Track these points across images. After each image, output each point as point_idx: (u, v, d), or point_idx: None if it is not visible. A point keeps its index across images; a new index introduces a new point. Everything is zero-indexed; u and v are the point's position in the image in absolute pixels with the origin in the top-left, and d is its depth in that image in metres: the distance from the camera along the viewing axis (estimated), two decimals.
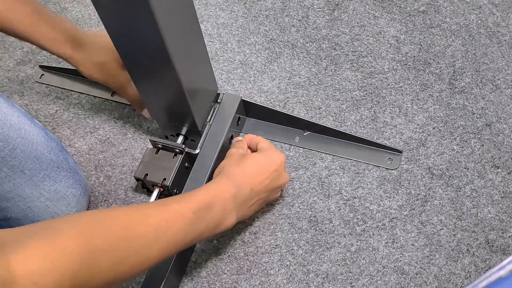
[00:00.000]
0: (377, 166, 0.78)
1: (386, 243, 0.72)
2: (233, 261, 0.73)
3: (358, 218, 0.74)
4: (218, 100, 0.79)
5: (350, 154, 0.79)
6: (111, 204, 0.81)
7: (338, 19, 0.94)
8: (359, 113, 0.83)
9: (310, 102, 0.85)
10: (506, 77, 0.84)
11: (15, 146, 0.67)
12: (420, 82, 0.85)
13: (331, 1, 0.97)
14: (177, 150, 0.74)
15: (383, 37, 0.91)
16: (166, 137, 0.80)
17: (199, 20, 0.94)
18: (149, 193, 0.80)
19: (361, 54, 0.90)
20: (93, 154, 0.85)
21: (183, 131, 0.77)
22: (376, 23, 0.93)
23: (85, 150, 0.86)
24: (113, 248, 0.49)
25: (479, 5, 0.93)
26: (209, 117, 0.78)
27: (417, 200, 0.75)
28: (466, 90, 0.84)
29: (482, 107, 0.82)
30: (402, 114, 0.82)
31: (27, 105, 0.92)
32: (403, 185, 0.76)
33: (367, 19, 0.94)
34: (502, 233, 0.71)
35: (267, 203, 0.75)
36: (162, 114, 0.74)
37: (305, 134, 0.82)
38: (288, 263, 0.72)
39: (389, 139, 0.80)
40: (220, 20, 0.97)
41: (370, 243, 0.72)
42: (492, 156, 0.77)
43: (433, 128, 0.81)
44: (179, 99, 0.67)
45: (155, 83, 0.66)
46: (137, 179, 0.74)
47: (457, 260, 0.70)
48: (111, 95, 0.91)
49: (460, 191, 0.75)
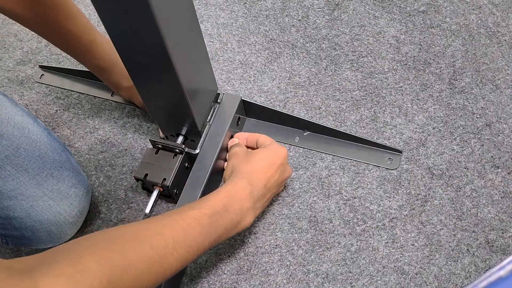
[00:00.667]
0: (377, 166, 0.78)
1: (386, 243, 0.72)
2: (233, 261, 0.73)
3: (358, 218, 0.74)
4: (218, 100, 0.79)
5: (350, 154, 0.79)
6: (111, 204, 0.81)
7: (338, 19, 0.94)
8: (359, 113, 0.83)
9: (310, 102, 0.85)
10: (506, 77, 0.84)
11: (19, 145, 0.67)
12: (420, 82, 0.85)
13: (331, 1, 0.97)
14: (177, 150, 0.74)
15: (383, 37, 0.91)
16: (166, 137, 0.80)
17: (199, 20, 0.94)
18: (149, 193, 0.80)
19: (361, 54, 0.90)
20: (93, 154, 0.85)
21: (183, 131, 0.76)
22: (376, 23, 0.93)
23: (85, 150, 0.86)
24: (133, 264, 0.50)
25: (479, 5, 0.93)
26: (209, 117, 0.78)
27: (417, 200, 0.75)
28: (466, 90, 0.84)
29: (482, 107, 0.82)
30: (402, 114, 0.82)
31: (27, 105, 0.92)
32: (403, 185, 0.76)
33: (367, 19, 0.94)
34: (502, 233, 0.71)
35: (273, 197, 0.75)
36: (162, 114, 0.74)
37: (305, 134, 0.82)
38: (288, 263, 0.72)
39: (389, 139, 0.80)
40: (220, 20, 0.97)
41: (370, 243, 0.72)
42: (492, 156, 0.77)
43: (433, 128, 0.81)
44: (179, 99, 0.67)
45: (155, 83, 0.66)
46: (137, 179, 0.74)
47: (457, 260, 0.70)
48: (111, 95, 0.91)
49: (460, 191, 0.75)
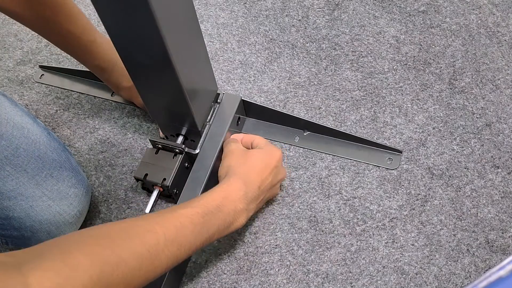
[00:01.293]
0: (377, 166, 0.78)
1: (386, 243, 0.72)
2: (233, 261, 0.73)
3: (358, 218, 0.74)
4: (218, 100, 0.79)
5: (350, 154, 0.79)
6: (111, 204, 0.81)
7: (338, 19, 0.94)
8: (359, 113, 0.83)
9: (310, 102, 0.85)
10: (506, 77, 0.84)
11: (18, 145, 0.67)
12: (420, 82, 0.85)
13: (331, 1, 0.97)
14: (177, 150, 0.74)
15: (383, 37, 0.91)
16: (166, 137, 0.80)
17: (199, 20, 0.94)
18: (149, 193, 0.80)
19: (361, 54, 0.90)
20: (93, 154, 0.85)
21: (183, 131, 0.76)
22: (376, 23, 0.93)
23: (85, 150, 0.86)
24: (124, 260, 0.49)
25: (479, 5, 0.93)
26: (209, 117, 0.78)
27: (417, 200, 0.75)
28: (466, 90, 0.84)
29: (482, 107, 0.82)
30: (402, 114, 0.82)
31: (27, 105, 0.92)
32: (403, 185, 0.76)
33: (367, 19, 0.94)
34: (502, 233, 0.71)
35: (268, 200, 0.75)
36: (162, 114, 0.74)
37: (305, 134, 0.82)
38: (288, 263, 0.72)
39: (389, 139, 0.80)
40: (220, 20, 0.97)
41: (370, 243, 0.72)
42: (492, 156, 0.77)
43: (433, 128, 0.81)
44: (179, 99, 0.67)
45: (155, 83, 0.66)
46: (137, 179, 0.74)
47: (457, 260, 0.70)
48: (111, 95, 0.91)
49: (460, 191, 0.75)
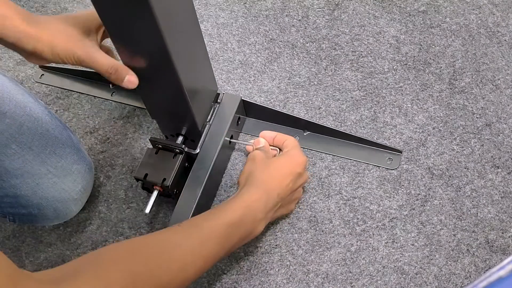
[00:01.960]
0: (377, 166, 0.78)
1: (386, 243, 0.72)
2: (233, 261, 0.73)
3: (358, 218, 0.74)
4: (218, 100, 0.79)
5: (350, 154, 0.79)
6: (111, 204, 0.81)
7: (338, 19, 0.94)
8: (359, 113, 0.83)
9: (310, 102, 0.85)
10: (506, 77, 0.84)
11: (22, 123, 0.68)
12: (420, 82, 0.85)
13: (331, 1, 0.97)
14: (177, 150, 0.74)
15: (383, 37, 0.91)
16: (166, 137, 0.80)
17: (199, 20, 0.94)
18: (149, 193, 0.80)
19: (361, 54, 0.90)
20: (93, 154, 0.85)
21: (183, 131, 0.76)
22: (376, 23, 0.93)
23: (85, 150, 0.86)
24: (154, 274, 0.51)
25: (479, 5, 0.93)
26: (209, 117, 0.78)
27: (417, 200, 0.75)
28: (466, 90, 0.84)
29: (482, 107, 0.82)
30: (402, 114, 0.82)
31: None
32: (403, 185, 0.76)
33: (367, 19, 0.94)
34: (502, 233, 0.71)
35: (294, 203, 0.74)
36: (162, 114, 0.74)
37: (305, 134, 0.82)
38: (288, 263, 0.72)
39: (389, 139, 0.80)
40: (220, 20, 0.97)
41: (370, 243, 0.72)
42: (492, 156, 0.77)
43: (433, 128, 0.81)
44: (179, 99, 0.67)
45: (155, 83, 0.66)
46: (137, 179, 0.74)
47: (457, 260, 0.70)
48: (111, 95, 0.91)
49: (460, 191, 0.75)
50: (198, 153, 0.76)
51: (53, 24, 0.59)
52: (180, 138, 0.77)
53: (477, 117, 0.81)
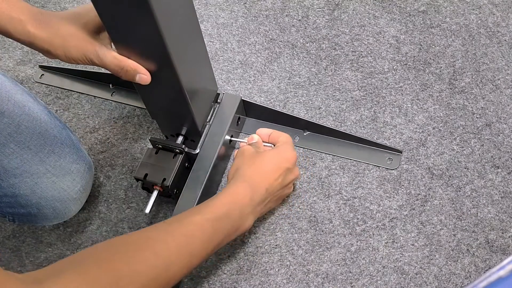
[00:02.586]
0: (377, 166, 0.78)
1: (386, 243, 0.72)
2: (233, 261, 0.73)
3: (358, 218, 0.74)
4: (218, 100, 0.79)
5: (350, 154, 0.79)
6: (111, 204, 0.81)
7: (338, 19, 0.94)
8: (359, 113, 0.83)
9: (310, 102, 0.85)
10: (506, 77, 0.84)
11: (20, 123, 0.68)
12: (420, 82, 0.85)
13: (331, 1, 0.97)
14: (177, 150, 0.74)
15: (383, 37, 0.91)
16: (166, 137, 0.80)
17: (199, 20, 0.94)
18: (149, 193, 0.80)
19: (361, 54, 0.90)
20: (93, 154, 0.85)
21: (183, 131, 0.76)
22: (376, 23, 0.93)
23: (85, 150, 0.86)
24: (139, 273, 0.50)
25: (479, 5, 0.93)
26: (209, 117, 0.78)
27: (417, 200, 0.75)
28: (466, 90, 0.84)
29: (482, 107, 0.82)
30: (402, 114, 0.82)
31: None
32: (403, 185, 0.76)
33: (367, 19, 0.94)
34: (502, 233, 0.71)
35: (282, 199, 0.75)
36: (162, 114, 0.74)
37: (305, 134, 0.82)
38: (288, 263, 0.72)
39: (389, 139, 0.80)
40: (220, 20, 0.97)
41: (370, 243, 0.72)
42: (492, 156, 0.77)
43: (433, 128, 0.81)
44: (179, 99, 0.67)
45: (155, 83, 0.66)
46: (137, 179, 0.74)
47: (457, 260, 0.70)
48: (111, 95, 0.91)
49: (460, 191, 0.75)
50: (198, 153, 0.76)
51: (65, 26, 0.60)
52: (180, 138, 0.77)
53: (477, 117, 0.81)
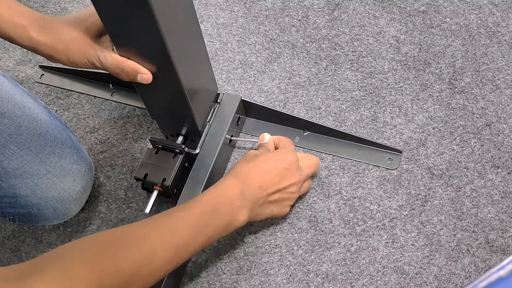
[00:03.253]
0: (377, 166, 0.78)
1: (386, 243, 0.72)
2: (233, 261, 0.73)
3: (358, 218, 0.74)
4: (218, 100, 0.79)
5: (350, 154, 0.79)
6: (111, 204, 0.81)
7: (338, 19, 0.94)
8: (359, 113, 0.83)
9: (310, 102, 0.85)
10: (506, 77, 0.84)
11: (20, 124, 0.68)
12: (420, 82, 0.85)
13: (331, 1, 0.97)
14: (177, 150, 0.74)
15: (383, 37, 0.91)
16: (166, 137, 0.80)
17: (199, 20, 0.94)
18: (149, 193, 0.80)
19: (361, 54, 0.90)
20: (93, 154, 0.85)
21: (183, 131, 0.76)
22: (376, 23, 0.93)
23: (85, 150, 0.86)
24: (122, 268, 0.50)
25: (479, 5, 0.93)
26: (209, 117, 0.78)
27: (417, 200, 0.75)
28: (466, 90, 0.84)
29: (482, 107, 0.82)
30: (402, 114, 0.82)
31: None
32: (403, 185, 0.76)
33: (367, 19, 0.94)
34: (502, 233, 0.71)
35: (288, 206, 0.72)
36: (162, 114, 0.74)
37: (305, 134, 0.82)
38: (288, 263, 0.72)
39: (389, 139, 0.80)
40: (220, 20, 0.97)
41: (370, 243, 0.72)
42: (492, 156, 0.77)
43: (433, 128, 0.81)
44: (179, 99, 0.67)
45: (155, 83, 0.66)
46: (137, 179, 0.74)
47: (457, 260, 0.70)
48: (111, 95, 0.91)
49: (460, 191, 0.75)
50: (198, 153, 0.76)
51: (67, 31, 0.61)
52: (180, 138, 0.77)
53: (477, 117, 0.81)
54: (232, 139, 0.80)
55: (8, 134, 0.67)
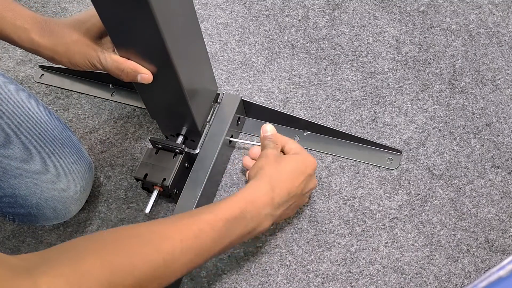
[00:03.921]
0: (377, 166, 0.78)
1: (386, 243, 0.72)
2: (233, 261, 0.73)
3: (358, 218, 0.74)
4: (218, 100, 0.79)
5: (350, 154, 0.79)
6: (111, 204, 0.81)
7: (338, 19, 0.94)
8: (359, 113, 0.83)
9: (310, 102, 0.85)
10: (506, 77, 0.84)
11: (20, 123, 0.68)
12: (420, 82, 0.85)
13: (331, 1, 0.97)
14: (177, 150, 0.74)
15: (383, 37, 0.91)
16: (166, 137, 0.80)
17: (199, 20, 0.94)
18: (149, 193, 0.80)
19: (361, 54, 0.90)
20: (93, 154, 0.85)
21: (183, 131, 0.76)
22: (376, 23, 0.93)
23: (85, 150, 0.86)
24: (136, 268, 0.49)
25: (479, 5, 0.93)
26: (209, 117, 0.78)
27: (417, 200, 0.75)
28: (466, 90, 0.84)
29: (482, 107, 0.82)
30: (402, 114, 0.82)
31: None
32: (403, 185, 0.76)
33: (367, 19, 0.94)
34: (502, 233, 0.71)
35: (298, 208, 0.72)
36: (162, 114, 0.74)
37: (305, 134, 0.82)
38: (288, 263, 0.72)
39: (389, 139, 0.80)
40: (220, 20, 0.97)
41: (370, 243, 0.72)
42: (492, 156, 0.77)
43: (433, 128, 0.81)
44: (179, 99, 0.67)
45: (155, 83, 0.66)
46: (137, 179, 0.74)
47: (457, 260, 0.70)
48: (111, 95, 0.91)
49: (460, 191, 0.75)
50: (198, 153, 0.76)
51: (68, 34, 0.62)
52: (180, 138, 0.77)
53: (477, 117, 0.81)
54: (232, 141, 0.80)
55: (8, 134, 0.67)
